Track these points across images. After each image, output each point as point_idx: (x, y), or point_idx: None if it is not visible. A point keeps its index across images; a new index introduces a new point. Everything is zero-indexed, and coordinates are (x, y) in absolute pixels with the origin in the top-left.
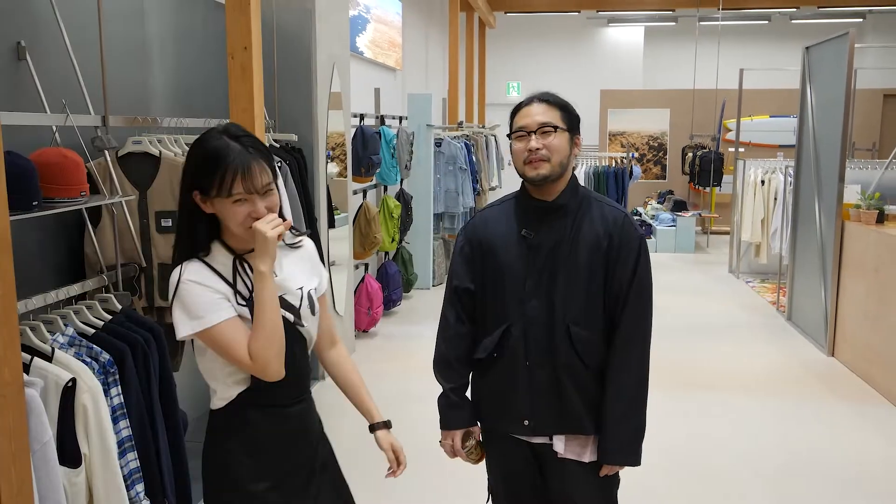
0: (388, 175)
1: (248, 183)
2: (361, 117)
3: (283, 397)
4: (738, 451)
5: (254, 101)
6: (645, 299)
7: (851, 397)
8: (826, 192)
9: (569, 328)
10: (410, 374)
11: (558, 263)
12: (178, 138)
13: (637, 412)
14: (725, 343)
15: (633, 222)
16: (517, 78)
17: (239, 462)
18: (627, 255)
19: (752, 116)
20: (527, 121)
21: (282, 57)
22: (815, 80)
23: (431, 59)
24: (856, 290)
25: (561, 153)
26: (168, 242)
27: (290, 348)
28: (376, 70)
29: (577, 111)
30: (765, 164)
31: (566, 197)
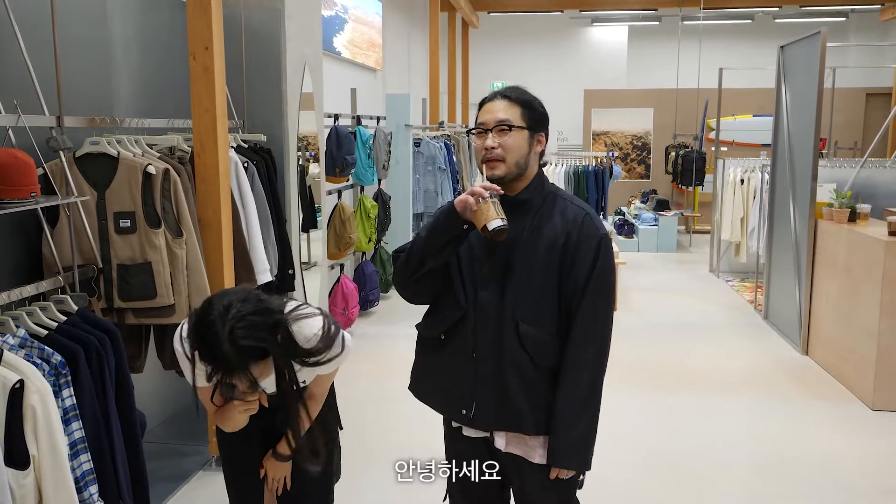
0: (364, 175)
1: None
2: (336, 117)
3: None
4: (712, 449)
5: (215, 101)
6: (603, 299)
7: (824, 395)
8: (800, 191)
9: (518, 325)
10: (385, 375)
11: (514, 258)
12: (139, 139)
13: (588, 415)
14: (703, 342)
15: (594, 221)
16: (501, 78)
17: None
18: (585, 254)
19: (736, 115)
20: (487, 117)
21: (251, 57)
22: (790, 80)
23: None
24: (829, 289)
25: (516, 153)
26: (126, 243)
27: None
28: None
29: (543, 108)
30: (744, 163)
31: (528, 193)
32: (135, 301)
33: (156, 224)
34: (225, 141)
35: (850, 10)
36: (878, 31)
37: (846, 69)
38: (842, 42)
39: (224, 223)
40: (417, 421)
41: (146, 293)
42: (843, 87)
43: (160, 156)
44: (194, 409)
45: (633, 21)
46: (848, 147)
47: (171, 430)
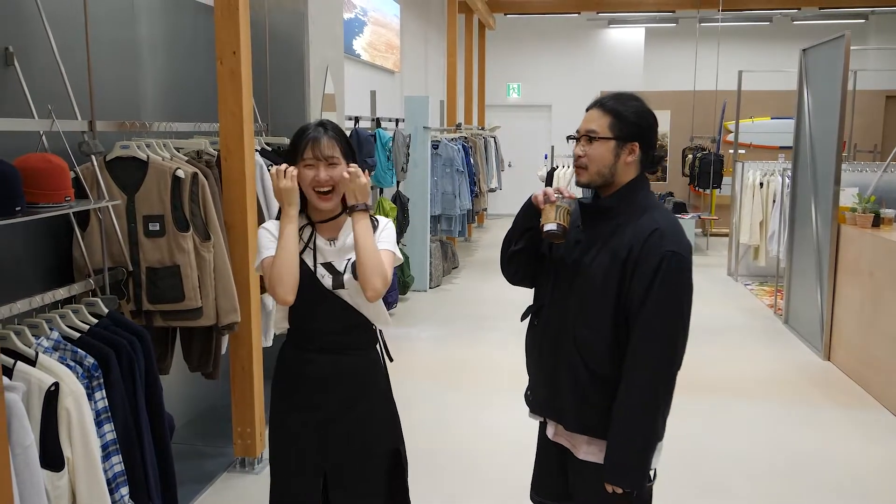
0: (383, 177)
1: (317, 150)
2: (356, 120)
3: (311, 343)
4: (732, 456)
5: (242, 105)
6: (659, 320)
7: (847, 402)
8: (822, 195)
9: (574, 330)
10: (405, 377)
11: (582, 264)
12: (168, 142)
13: (640, 436)
14: (722, 346)
15: (664, 237)
16: (517, 79)
17: (278, 388)
18: (644, 271)
19: (753, 118)
20: (581, 125)
21: (274, 59)
22: (812, 83)
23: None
24: (851, 294)
25: (599, 162)
26: (156, 246)
27: (328, 304)
28: (374, 72)
29: (639, 118)
30: (763, 166)
31: (611, 201)
32: (163, 304)
33: (184, 227)
34: (251, 145)
35: (871, 12)
36: None
37: (866, 72)
38: (861, 44)
39: (250, 226)
40: (437, 421)
41: (174, 296)
42: (862, 89)
43: (188, 159)
44: (219, 410)
45: (650, 23)
46: (868, 150)
47: (196, 432)
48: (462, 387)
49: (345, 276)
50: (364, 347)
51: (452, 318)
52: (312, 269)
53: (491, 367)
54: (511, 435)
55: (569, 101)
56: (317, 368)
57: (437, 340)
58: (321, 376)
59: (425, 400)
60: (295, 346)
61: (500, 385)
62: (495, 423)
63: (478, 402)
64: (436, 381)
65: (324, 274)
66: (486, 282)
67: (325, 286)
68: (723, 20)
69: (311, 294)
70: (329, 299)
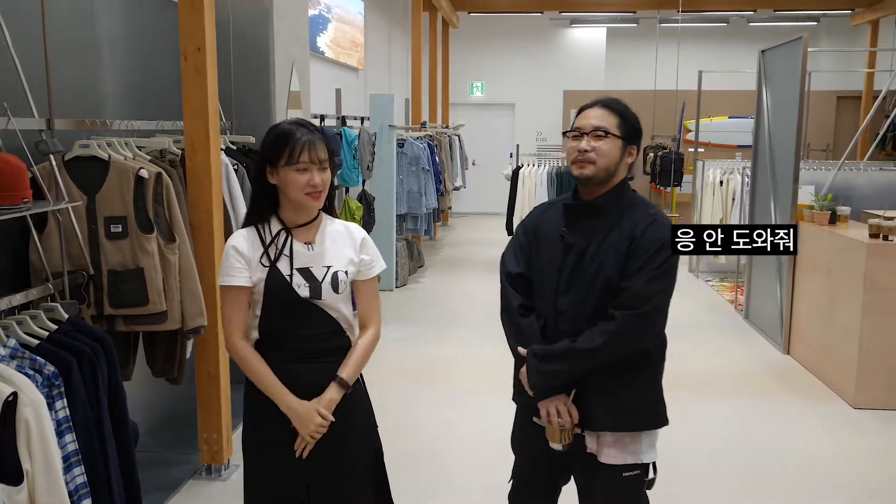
0: (349, 176)
1: (313, 154)
2: (322, 118)
3: (284, 353)
4: (695, 451)
5: (207, 102)
6: (652, 286)
7: (806, 395)
8: (781, 193)
9: (582, 327)
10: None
11: (585, 263)
12: (129, 141)
13: (576, 363)
14: (684, 342)
15: (660, 226)
16: (481, 78)
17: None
18: (641, 255)
19: (712, 117)
20: (583, 122)
21: (238, 56)
22: (771, 83)
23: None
24: (810, 289)
25: (608, 158)
26: (118, 249)
27: (303, 313)
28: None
29: (639, 123)
30: (723, 164)
31: (605, 199)
32: (126, 308)
33: (148, 229)
34: (217, 144)
35: (822, 15)
36: (848, 35)
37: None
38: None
39: (216, 226)
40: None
41: (138, 300)
42: (815, 90)
43: (151, 159)
44: (184, 415)
45: (611, 23)
46: (820, 149)
47: (160, 438)
48: (433, 386)
49: (323, 286)
50: (340, 354)
51: (420, 317)
52: (288, 278)
53: (461, 366)
54: (484, 433)
55: (532, 99)
56: (293, 378)
57: (406, 340)
58: (297, 385)
59: (396, 401)
60: (268, 354)
61: (471, 383)
62: (468, 422)
63: (450, 400)
64: (406, 382)
65: (300, 283)
66: (453, 280)
67: (300, 296)
68: (682, 21)
69: (285, 304)
70: (305, 308)
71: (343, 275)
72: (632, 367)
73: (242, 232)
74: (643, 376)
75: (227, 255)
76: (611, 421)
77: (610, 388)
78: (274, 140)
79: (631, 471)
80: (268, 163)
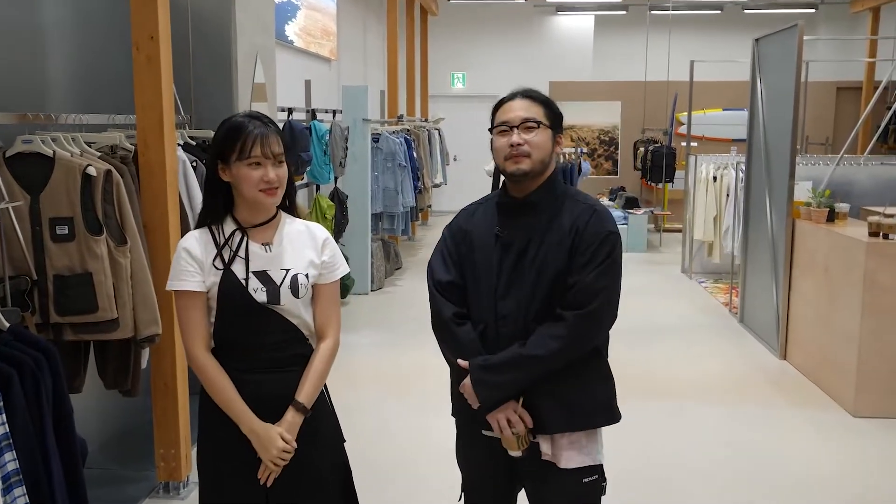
0: (320, 173)
1: (266, 148)
2: (290, 111)
3: (241, 362)
4: (688, 460)
5: (162, 94)
6: (602, 281)
7: (803, 402)
8: (777, 190)
9: (528, 327)
10: (346, 386)
11: (526, 263)
12: (77, 136)
13: (517, 371)
14: (676, 346)
15: (602, 217)
16: (462, 69)
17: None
18: (586, 249)
19: (705, 110)
20: (510, 115)
21: (198, 45)
22: (765, 73)
23: (370, 48)
24: (807, 291)
25: (542, 150)
26: (64, 252)
27: (260, 319)
28: (308, 60)
29: (560, 111)
30: (716, 159)
31: (539, 195)
32: (74, 315)
33: (97, 231)
34: (172, 138)
35: (820, 2)
36: (847, 23)
37: (816, 63)
38: (811, 34)
39: (171, 227)
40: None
41: (86, 306)
42: (813, 80)
43: (100, 155)
44: (139, 430)
45: (599, 10)
46: (819, 143)
47: (113, 454)
48: (408, 395)
49: (282, 290)
50: (302, 362)
51: (396, 322)
52: (243, 282)
53: (438, 373)
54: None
55: None
56: (251, 389)
57: (381, 346)
58: (256, 397)
59: (368, 410)
60: (224, 364)
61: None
62: (443, 432)
63: (424, 410)
64: (380, 390)
65: (256, 287)
66: None
67: (257, 301)
68: (674, 8)
69: (241, 309)
70: (261, 314)
71: (304, 278)
72: (580, 363)
73: (195, 233)
74: (592, 371)
75: (178, 257)
76: (565, 421)
77: (560, 387)
78: (225, 134)
79: (590, 475)
80: (220, 158)
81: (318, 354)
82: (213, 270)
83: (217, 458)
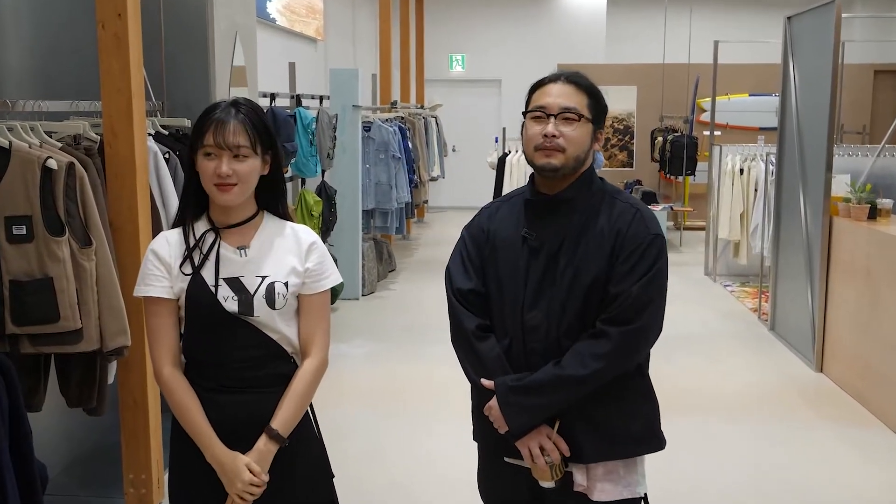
0: (305, 166)
1: (220, 136)
2: (272, 97)
3: (209, 380)
4: (711, 484)
5: (130, 78)
6: (647, 295)
7: (842, 419)
8: (812, 184)
9: (560, 342)
10: (334, 403)
11: (557, 269)
12: (36, 125)
13: (553, 393)
14: (700, 357)
15: (647, 218)
16: (462, 50)
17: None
18: (629, 254)
19: (730, 95)
20: (547, 101)
21: (171, 24)
22: (798, 55)
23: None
24: (846, 295)
25: (579, 146)
26: (21, 254)
27: (232, 332)
28: (292, 41)
29: (605, 101)
30: (744, 150)
31: (573, 191)
32: (32, 325)
33: (58, 231)
34: (142, 127)
35: None
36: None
37: (852, 43)
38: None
39: (142, 227)
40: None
41: (47, 315)
42: (848, 63)
43: (62, 146)
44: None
45: None
46: (856, 131)
47: (78, 479)
48: (402, 412)
49: (255, 299)
50: (281, 383)
51: (390, 330)
52: (212, 288)
53: (435, 388)
54: (464, 467)
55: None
56: (218, 412)
57: (372, 357)
58: (223, 421)
59: (358, 429)
60: (191, 381)
61: (445, 408)
62: (440, 453)
63: (420, 429)
64: (371, 407)
65: (227, 295)
66: (429, 287)
67: (227, 311)
68: None
69: (208, 320)
70: (232, 326)
71: (282, 286)
72: (620, 383)
73: (168, 234)
74: (634, 391)
75: (145, 260)
76: (604, 449)
77: (597, 410)
78: (196, 120)
79: None
80: (192, 149)
81: (299, 375)
82: (181, 275)
83: (188, 486)
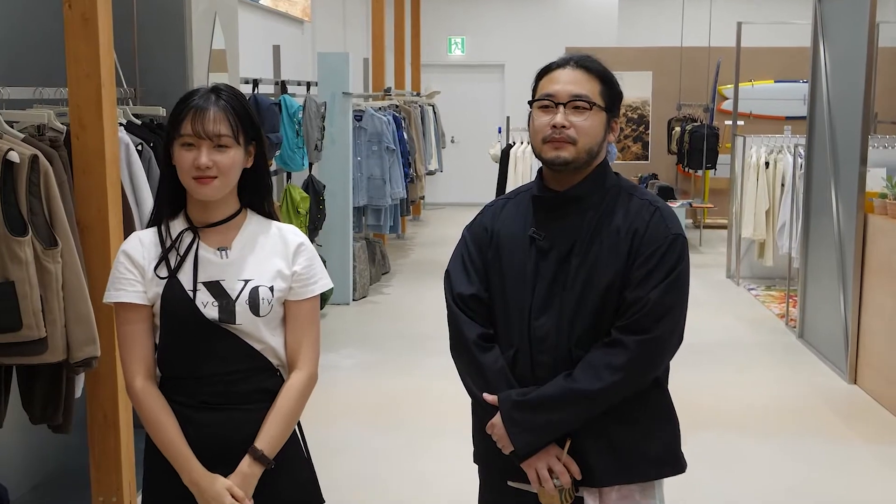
0: (291, 159)
1: (198, 125)
2: (255, 83)
3: (186, 395)
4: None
5: (100, 64)
6: (669, 298)
7: (877, 435)
8: (844, 178)
9: (571, 353)
10: (323, 418)
11: (569, 272)
12: None
13: (564, 410)
14: (722, 368)
15: (666, 216)
16: (461, 33)
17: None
18: (647, 257)
19: (754, 81)
20: (556, 88)
21: (144, 5)
22: (830, 37)
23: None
24: (882, 300)
25: (591, 137)
26: None
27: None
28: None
29: (620, 87)
30: (769, 141)
31: (585, 188)
32: None
33: (20, 230)
34: (113, 116)
35: None
36: None
37: (888, 24)
38: None
39: (112, 226)
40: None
41: (7, 323)
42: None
43: (25, 137)
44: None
45: None
46: (891, 121)
47: (43, 501)
48: (396, 430)
49: (238, 305)
50: (265, 399)
51: (383, 339)
52: (190, 293)
53: (432, 402)
54: (457, 490)
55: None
56: (196, 430)
57: (364, 369)
58: (202, 440)
59: (349, 449)
60: (167, 395)
61: (443, 426)
62: (437, 476)
63: (416, 448)
64: (363, 424)
65: (207, 301)
66: (426, 290)
67: (206, 318)
68: None
69: (185, 327)
70: (212, 335)
71: (267, 291)
72: (637, 398)
73: (142, 233)
74: (652, 408)
75: (116, 262)
76: (617, 472)
77: (612, 428)
78: (172, 108)
79: None
80: (168, 139)
81: (286, 390)
82: (156, 279)
83: None
